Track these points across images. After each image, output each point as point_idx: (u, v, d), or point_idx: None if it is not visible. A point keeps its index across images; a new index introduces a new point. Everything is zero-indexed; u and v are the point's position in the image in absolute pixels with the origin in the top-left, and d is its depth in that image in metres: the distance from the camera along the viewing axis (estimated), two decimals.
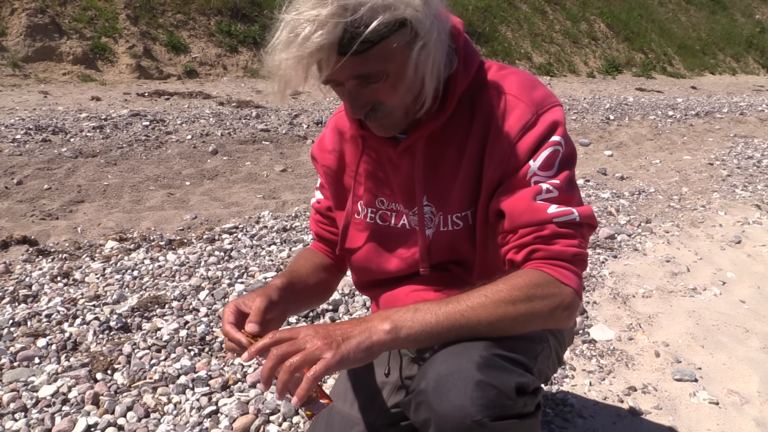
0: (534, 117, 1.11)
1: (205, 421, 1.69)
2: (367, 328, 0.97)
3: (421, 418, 1.02)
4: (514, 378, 1.01)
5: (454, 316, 1.01)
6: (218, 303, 2.38)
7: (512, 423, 1.00)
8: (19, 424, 1.68)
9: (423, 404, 1.01)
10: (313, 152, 1.37)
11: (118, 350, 2.04)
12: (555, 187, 1.10)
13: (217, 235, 3.20)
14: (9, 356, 2.01)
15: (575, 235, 1.10)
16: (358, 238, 1.32)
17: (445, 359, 1.02)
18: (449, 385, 0.99)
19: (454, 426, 0.97)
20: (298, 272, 1.34)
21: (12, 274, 2.72)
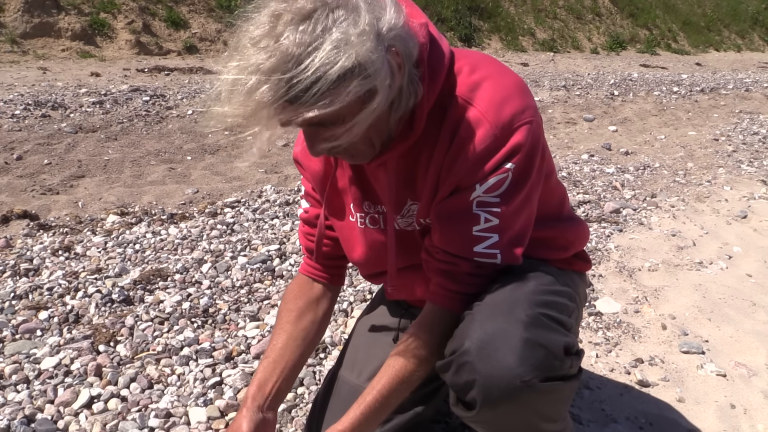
0: (494, 141, 1.03)
1: (209, 392, 1.67)
2: None
3: (462, 380, 1.00)
4: (561, 338, 0.99)
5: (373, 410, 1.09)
6: (221, 276, 2.36)
7: (559, 384, 0.98)
8: (21, 395, 1.66)
9: (466, 366, 0.98)
10: (296, 156, 1.29)
11: (120, 322, 2.02)
12: (496, 216, 1.05)
13: (219, 209, 3.18)
14: (11, 329, 1.99)
15: (488, 275, 1.09)
16: (355, 242, 1.28)
17: (489, 317, 1.00)
18: (496, 345, 0.96)
19: (502, 387, 0.95)
20: (279, 351, 1.28)
21: (13, 249, 2.69)
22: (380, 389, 1.08)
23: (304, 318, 1.32)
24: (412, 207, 1.16)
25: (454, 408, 1.08)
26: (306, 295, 1.35)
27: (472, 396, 0.99)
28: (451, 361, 1.01)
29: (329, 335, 1.94)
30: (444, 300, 1.10)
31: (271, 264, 2.45)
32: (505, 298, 1.02)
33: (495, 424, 1.04)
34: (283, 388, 1.25)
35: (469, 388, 0.99)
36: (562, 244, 1.28)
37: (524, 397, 0.95)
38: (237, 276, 2.34)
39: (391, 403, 1.09)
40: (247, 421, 1.16)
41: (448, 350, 1.04)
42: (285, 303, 1.36)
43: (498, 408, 0.97)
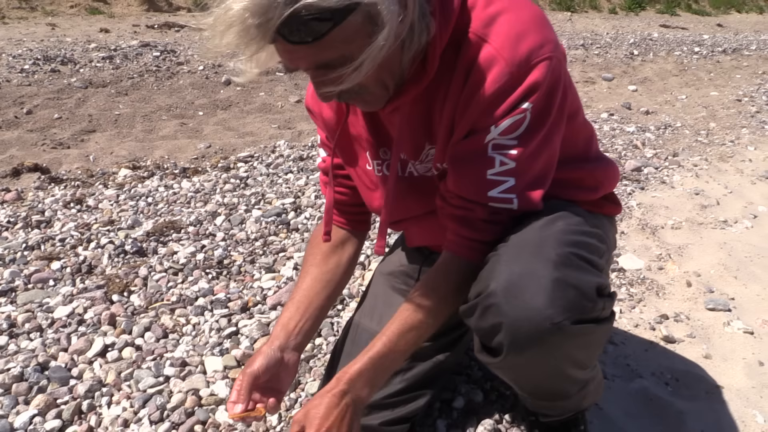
0: (509, 80, 0.95)
1: (225, 342, 1.64)
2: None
3: (488, 323, 0.94)
4: (593, 278, 0.93)
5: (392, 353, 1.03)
6: (235, 228, 2.32)
7: (591, 327, 0.92)
8: (34, 343, 1.64)
9: (492, 308, 0.93)
10: (308, 104, 1.23)
11: (134, 273, 1.98)
12: (512, 159, 0.98)
13: (232, 164, 3.12)
14: (23, 278, 1.96)
15: (503, 223, 1.02)
16: (373, 190, 1.22)
17: (515, 258, 0.94)
18: (524, 286, 0.90)
19: (531, 329, 0.89)
20: (305, 292, 1.24)
21: (24, 201, 2.66)
22: (389, 335, 1.02)
23: (329, 261, 1.28)
24: (430, 152, 1.10)
25: (479, 354, 1.03)
26: (331, 240, 1.30)
27: (498, 340, 0.93)
28: (475, 304, 0.96)
29: (347, 287, 1.89)
30: (459, 248, 1.04)
31: (285, 217, 2.40)
32: (533, 238, 0.96)
33: (521, 370, 0.99)
34: (309, 329, 1.21)
35: (495, 332, 0.93)
36: (590, 185, 1.21)
37: (554, 340, 0.90)
38: (251, 229, 2.29)
39: (400, 350, 1.03)
40: (262, 357, 1.11)
41: (472, 293, 0.98)
42: (310, 247, 1.32)
43: (525, 353, 0.92)
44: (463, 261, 1.04)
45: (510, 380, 1.07)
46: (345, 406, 0.98)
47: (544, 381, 1.03)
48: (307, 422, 0.97)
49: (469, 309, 0.98)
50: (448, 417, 1.42)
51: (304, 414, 0.98)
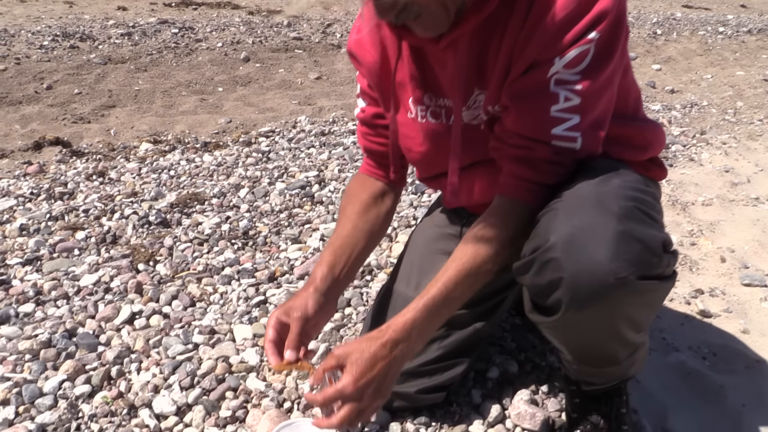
0: (577, 7, 0.91)
1: (253, 310, 1.61)
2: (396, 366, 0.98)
3: (545, 279, 0.90)
4: (658, 233, 0.88)
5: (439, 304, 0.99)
6: (259, 201, 2.29)
7: (655, 284, 0.88)
8: (61, 310, 1.62)
9: (551, 263, 0.88)
10: (351, 48, 1.20)
11: (159, 243, 1.96)
12: (577, 94, 0.94)
13: (253, 139, 3.09)
14: (48, 248, 1.95)
15: (565, 164, 0.98)
16: (414, 139, 1.18)
17: (575, 210, 0.90)
18: (586, 239, 0.86)
19: (594, 284, 0.85)
20: (345, 239, 1.21)
21: (46, 174, 2.65)
22: (445, 281, 0.98)
23: (368, 211, 1.25)
24: (478, 97, 1.05)
25: (531, 315, 0.99)
26: (369, 190, 1.28)
27: (556, 298, 0.89)
28: (532, 259, 0.92)
29: (375, 258, 1.86)
30: (518, 190, 1.00)
31: (310, 190, 2.36)
32: (592, 191, 0.91)
33: (576, 330, 0.95)
34: (348, 277, 1.18)
35: (553, 288, 0.89)
36: (640, 144, 1.16)
37: (616, 296, 0.86)
38: (275, 201, 2.26)
39: (456, 297, 0.99)
40: (313, 301, 1.08)
41: (527, 249, 0.94)
42: (348, 196, 1.29)
43: (585, 309, 0.88)
44: (521, 204, 0.99)
45: (560, 342, 1.03)
46: (392, 359, 0.95)
47: (597, 343, 0.99)
48: (348, 364, 0.95)
49: (523, 266, 0.94)
50: (483, 387, 1.39)
51: (346, 353, 0.95)
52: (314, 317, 1.07)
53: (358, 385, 0.93)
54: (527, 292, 0.98)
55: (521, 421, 1.29)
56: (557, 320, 0.91)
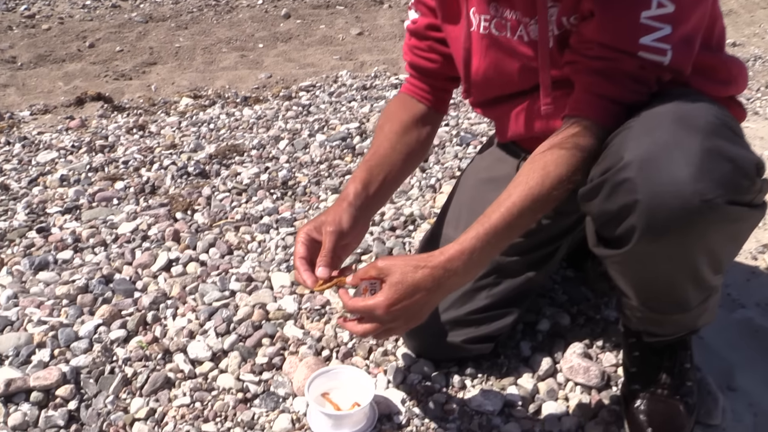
0: None
1: (292, 258, 1.55)
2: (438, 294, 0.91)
3: (617, 204, 0.80)
4: (749, 153, 0.78)
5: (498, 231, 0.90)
6: (299, 152, 2.22)
7: (745, 212, 0.77)
8: (99, 257, 1.59)
9: (625, 184, 0.78)
10: None
11: (197, 192, 1.92)
12: (671, 1, 0.82)
13: (293, 93, 3.01)
14: (87, 197, 1.92)
15: (649, 82, 0.87)
16: (474, 54, 1.08)
17: (654, 126, 0.79)
18: (667, 156, 0.75)
19: (674, 208, 0.75)
20: (382, 158, 1.12)
21: (88, 128, 2.63)
22: (509, 207, 0.88)
23: (408, 133, 1.16)
24: (551, 10, 0.95)
25: (596, 248, 0.89)
26: (410, 111, 1.19)
27: (629, 225, 0.79)
28: (602, 182, 0.81)
29: (418, 208, 1.78)
30: (592, 108, 0.89)
31: (351, 142, 2.28)
32: (672, 108, 0.81)
33: (647, 265, 0.85)
34: (381, 198, 1.11)
35: (625, 214, 0.79)
36: (723, 78, 1.04)
37: (699, 223, 0.75)
38: (316, 153, 2.19)
39: (519, 226, 0.90)
40: (348, 216, 1.00)
41: (596, 171, 0.84)
42: (387, 115, 1.20)
43: (662, 238, 0.78)
44: (595, 124, 0.89)
45: (626, 282, 0.93)
46: (437, 291, 0.88)
47: (669, 282, 0.88)
48: (387, 284, 0.87)
49: (591, 190, 0.84)
50: (533, 340, 1.30)
51: (388, 269, 0.88)
52: (348, 234, 1.00)
53: (390, 309, 0.87)
54: (593, 222, 0.89)
55: (574, 375, 1.21)
56: (627, 252, 0.81)
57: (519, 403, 1.14)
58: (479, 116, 2.57)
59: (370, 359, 1.24)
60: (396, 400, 1.13)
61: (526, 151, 1.19)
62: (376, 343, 1.27)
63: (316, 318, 1.34)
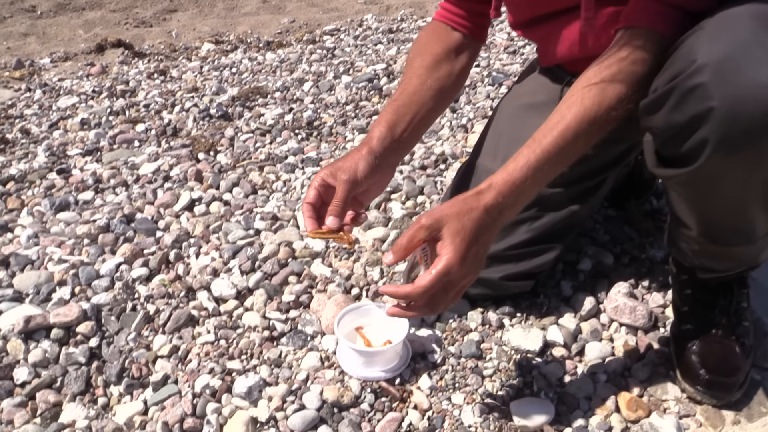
0: None
1: None
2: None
3: (687, 114, 0.71)
4: None
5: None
6: (324, 94, 2.13)
7: None
8: (120, 197, 1.54)
9: (697, 91, 0.69)
10: None
11: (219, 134, 1.85)
12: None
13: (317, 37, 2.91)
14: (108, 139, 1.87)
15: None
16: None
17: (731, 25, 0.69)
18: (749, 56, 0.66)
19: (758, 114, 0.65)
20: (410, 97, 1.02)
21: (109, 74, 2.57)
22: (563, 131, 0.79)
23: (440, 67, 1.06)
24: None
25: (656, 169, 0.81)
26: (443, 42, 1.08)
27: (701, 137, 0.70)
28: (669, 90, 0.72)
29: (449, 148, 1.69)
30: (653, 16, 0.79)
31: (378, 83, 2.19)
32: (750, 8, 0.70)
33: (716, 185, 0.76)
34: (410, 140, 1.01)
35: (696, 125, 0.70)
36: None
37: None
38: (341, 94, 2.10)
39: (574, 151, 0.81)
40: (365, 164, 0.91)
41: (662, 80, 0.74)
42: (417, 48, 1.10)
43: (739, 151, 0.68)
44: (656, 35, 0.79)
45: (687, 207, 0.84)
46: (493, 226, 0.80)
47: (738, 207, 0.78)
48: (447, 235, 0.77)
49: (655, 101, 0.74)
50: (574, 279, 1.23)
51: (439, 221, 0.78)
52: (365, 182, 0.91)
53: (464, 263, 0.77)
54: (654, 140, 0.80)
55: (619, 315, 1.13)
56: (696, 170, 0.72)
57: (560, 344, 1.07)
58: (511, 56, 2.45)
59: None
60: (430, 339, 1.07)
61: (572, 74, 1.09)
62: None
63: (344, 256, 1.28)
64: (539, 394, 0.98)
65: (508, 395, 0.98)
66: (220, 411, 0.95)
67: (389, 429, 0.92)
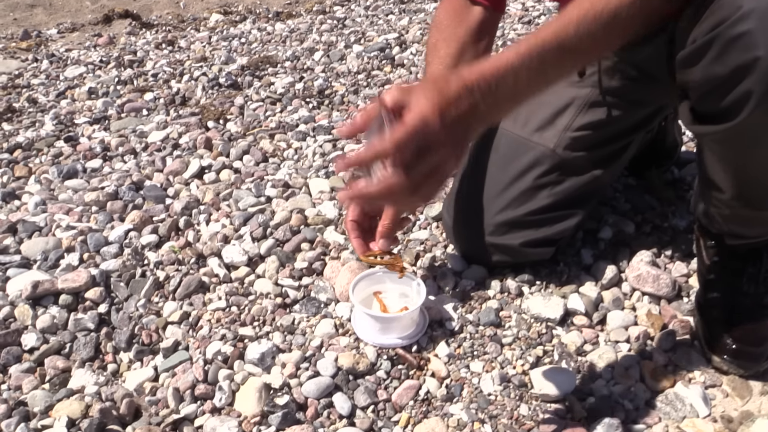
0: None
1: (330, 165, 1.45)
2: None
3: (729, 65, 0.66)
4: None
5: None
6: (335, 63, 2.09)
7: None
8: (128, 165, 1.52)
9: (743, 38, 0.64)
10: None
11: (229, 102, 1.81)
12: None
13: (327, 8, 2.85)
14: (116, 108, 1.84)
15: None
16: None
17: None
18: None
19: None
20: None
21: (116, 45, 2.53)
22: (564, 22, 0.67)
23: (465, 53, 1.03)
24: None
25: (693, 126, 0.76)
26: (464, 23, 1.04)
27: (744, 90, 0.65)
28: (710, 39, 0.67)
29: None
30: None
31: (390, 52, 2.14)
32: None
33: (758, 141, 0.71)
34: None
35: (740, 76, 0.65)
36: None
37: None
38: (353, 63, 2.05)
39: (575, 49, 0.68)
40: None
41: (702, 29, 0.70)
42: (439, 30, 1.06)
43: None
44: None
45: (725, 165, 0.80)
46: (472, 105, 0.66)
47: None
48: (423, 86, 0.66)
49: (694, 52, 0.69)
50: (594, 248, 1.19)
51: (404, 90, 0.65)
52: None
53: (444, 120, 0.63)
54: (692, 94, 0.75)
55: (642, 284, 1.09)
56: (737, 126, 0.67)
57: (582, 312, 1.04)
58: (526, 26, 2.39)
59: (418, 265, 1.14)
60: (447, 307, 1.04)
61: None
62: (424, 248, 1.17)
63: None
64: (560, 363, 0.95)
65: (528, 364, 0.95)
66: (232, 377, 0.93)
67: (406, 397, 0.89)
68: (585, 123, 1.04)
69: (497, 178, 1.06)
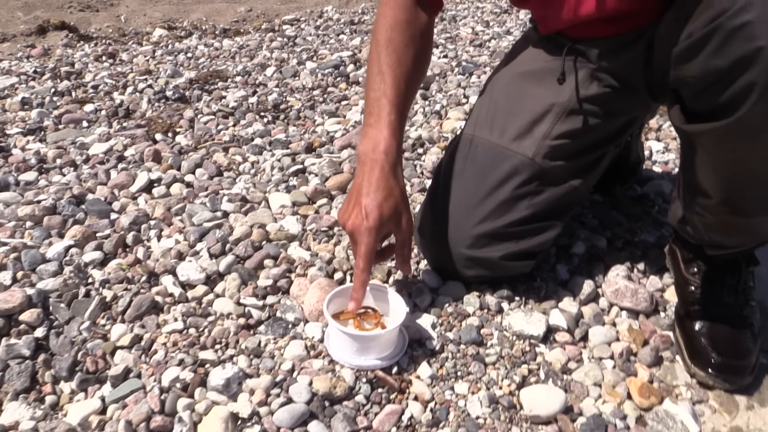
0: None
1: (291, 179, 1.38)
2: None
3: (730, 57, 0.64)
4: None
5: None
6: (288, 79, 2.02)
7: None
8: (68, 178, 1.40)
9: (744, 29, 0.62)
10: None
11: (178, 115, 1.72)
12: None
13: (276, 26, 2.80)
14: (53, 119, 1.71)
15: None
16: None
17: None
18: None
19: None
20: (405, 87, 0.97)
21: (51, 56, 2.39)
22: None
23: (417, 46, 0.99)
24: None
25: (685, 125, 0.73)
26: (411, 23, 0.99)
27: (746, 82, 0.62)
28: (710, 31, 0.65)
29: (427, 132, 1.61)
30: None
31: (344, 70, 2.09)
32: None
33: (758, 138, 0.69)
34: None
35: (741, 68, 0.63)
36: None
37: None
38: (307, 79, 1.99)
39: None
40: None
41: (700, 22, 0.67)
42: (381, 37, 0.99)
43: None
44: None
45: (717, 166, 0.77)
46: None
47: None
48: None
49: (693, 45, 0.67)
50: (569, 263, 1.15)
51: None
52: None
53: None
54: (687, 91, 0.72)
55: (620, 299, 1.06)
56: (736, 121, 0.65)
57: (564, 328, 1.00)
58: (478, 49, 2.40)
59: (390, 283, 1.08)
60: (426, 324, 0.97)
61: (574, 41, 1.02)
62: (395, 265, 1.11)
63: (324, 239, 1.17)
64: (547, 382, 0.90)
65: (515, 383, 0.89)
66: (193, 407, 0.83)
67: (388, 423, 0.82)
68: (563, 131, 1.01)
69: (474, 189, 1.02)
